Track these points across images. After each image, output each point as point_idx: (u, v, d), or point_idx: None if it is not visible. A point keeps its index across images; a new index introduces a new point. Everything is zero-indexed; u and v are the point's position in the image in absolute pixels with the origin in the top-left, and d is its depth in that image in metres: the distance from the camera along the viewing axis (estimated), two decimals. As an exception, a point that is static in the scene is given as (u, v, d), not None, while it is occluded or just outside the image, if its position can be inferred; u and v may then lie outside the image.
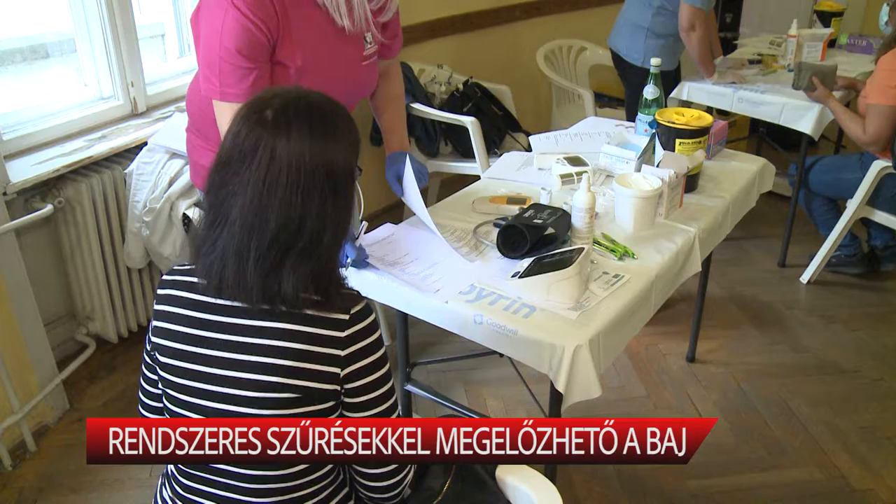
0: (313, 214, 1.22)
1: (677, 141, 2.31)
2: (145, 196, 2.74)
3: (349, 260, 1.87)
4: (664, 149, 2.32)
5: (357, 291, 1.35)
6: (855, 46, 4.18)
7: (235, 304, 1.27)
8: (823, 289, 3.63)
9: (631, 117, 2.93)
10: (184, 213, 2.69)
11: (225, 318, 1.28)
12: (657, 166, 2.22)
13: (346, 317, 1.28)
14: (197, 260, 1.28)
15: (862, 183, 3.32)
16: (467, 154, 3.53)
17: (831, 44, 4.10)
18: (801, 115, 3.43)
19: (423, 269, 1.91)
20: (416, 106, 3.48)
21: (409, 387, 2.20)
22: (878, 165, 3.25)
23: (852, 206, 3.39)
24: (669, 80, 3.67)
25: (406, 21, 2.43)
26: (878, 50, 3.28)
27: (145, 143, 2.80)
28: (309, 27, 1.91)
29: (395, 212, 3.73)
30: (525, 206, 2.06)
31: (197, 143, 2.15)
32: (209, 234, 1.25)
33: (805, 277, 3.67)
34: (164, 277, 1.38)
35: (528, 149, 2.59)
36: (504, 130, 3.75)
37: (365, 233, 1.99)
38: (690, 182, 2.29)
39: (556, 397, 1.74)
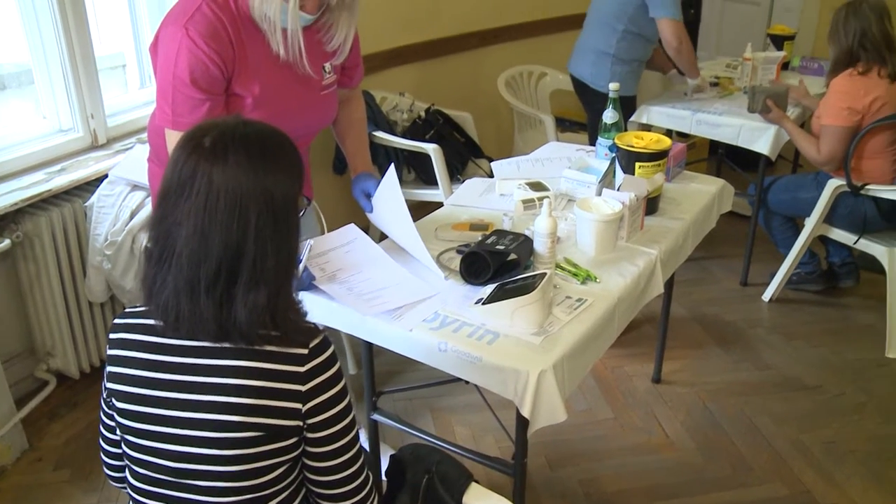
0: (252, 241, 1.21)
1: (637, 164, 2.34)
2: (106, 229, 2.71)
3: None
4: (624, 172, 2.35)
5: (315, 324, 1.34)
6: (807, 69, 4.28)
7: (191, 343, 1.26)
8: (785, 306, 3.68)
9: (593, 142, 2.97)
10: (146, 246, 2.66)
11: (181, 359, 1.27)
12: (618, 190, 2.24)
13: (305, 351, 1.27)
14: (149, 300, 1.27)
15: (818, 201, 3.38)
16: (430, 181, 3.54)
17: (784, 66, 4.19)
18: (757, 136, 3.49)
19: (375, 290, 1.90)
20: (379, 134, 3.49)
21: (375, 416, 2.19)
22: (833, 184, 3.31)
23: (810, 224, 3.45)
24: (630, 104, 3.72)
25: (367, 49, 2.45)
26: (828, 74, 3.35)
27: (106, 176, 2.78)
28: (266, 58, 1.91)
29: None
30: (487, 233, 2.07)
31: (158, 173, 2.14)
32: (158, 270, 1.24)
33: (767, 296, 3.71)
34: (116, 321, 1.36)
35: (491, 175, 2.61)
36: (466, 157, 3.77)
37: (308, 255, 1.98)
38: (651, 205, 2.32)
39: (523, 423, 1.74)
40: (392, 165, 2.03)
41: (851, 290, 3.76)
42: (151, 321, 1.29)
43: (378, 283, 1.92)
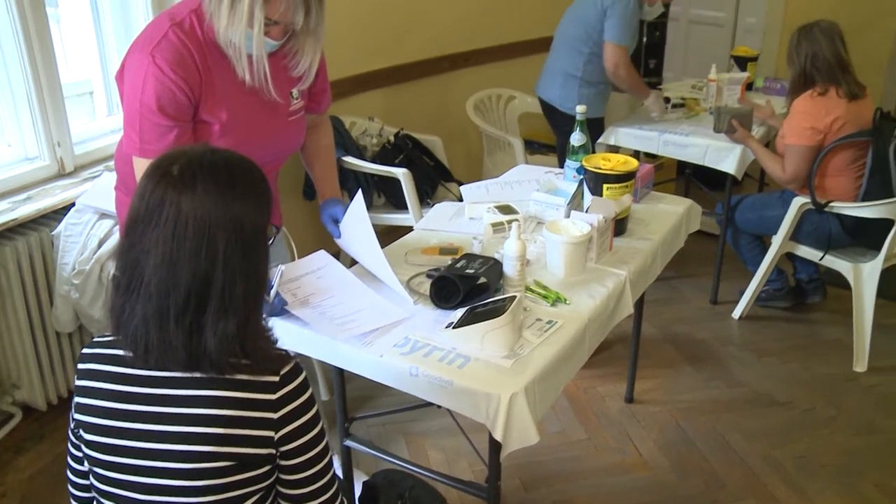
0: (221, 268, 1.21)
1: (605, 186, 2.35)
2: (74, 258, 2.68)
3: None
4: (592, 194, 2.37)
5: (286, 351, 1.34)
6: (770, 89, 4.36)
7: (160, 374, 1.25)
8: (754, 323, 3.72)
9: (562, 164, 2.99)
10: (113, 275, 2.64)
11: (150, 390, 1.26)
12: (586, 212, 2.26)
13: (277, 378, 1.27)
14: (118, 330, 1.26)
15: (784, 219, 3.42)
16: (401, 205, 3.55)
17: (749, 87, 4.25)
18: (724, 156, 3.54)
19: (348, 314, 1.89)
20: (348, 159, 3.50)
21: (348, 442, 2.18)
22: (799, 202, 3.36)
23: (777, 241, 3.49)
24: (598, 126, 3.76)
25: (335, 75, 2.46)
26: (788, 95, 3.41)
27: (73, 204, 2.76)
28: (233, 84, 1.91)
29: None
30: (457, 257, 2.08)
31: (125, 202, 2.11)
32: (126, 300, 1.23)
33: (736, 313, 3.75)
34: (84, 351, 1.34)
35: (461, 198, 2.62)
36: (436, 181, 3.78)
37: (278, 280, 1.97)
38: (619, 226, 2.34)
39: (495, 446, 1.74)
40: (360, 191, 2.03)
41: (819, 306, 3.81)
42: (120, 351, 1.27)
43: (351, 308, 1.92)
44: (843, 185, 3.31)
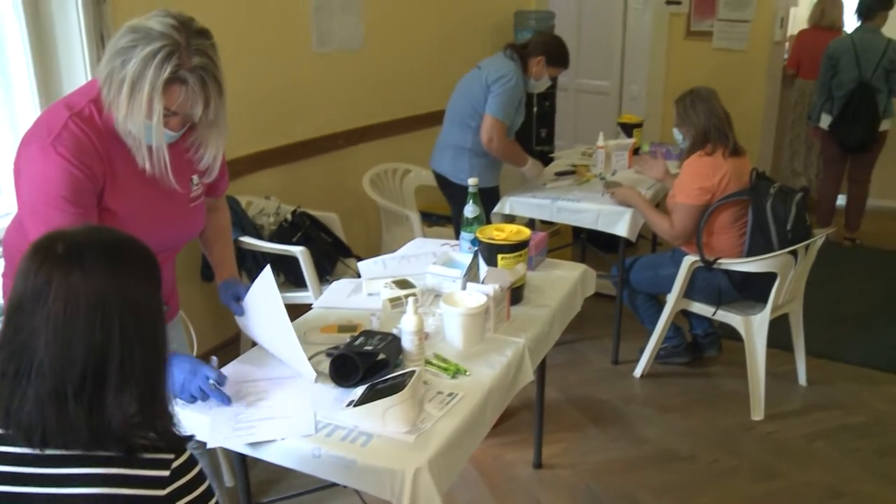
0: (118, 340, 1.19)
1: (499, 256, 2.40)
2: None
3: (211, 381, 1.83)
4: (487, 265, 2.41)
5: (182, 433, 1.31)
6: (656, 153, 4.53)
7: (52, 452, 1.20)
8: (655, 380, 3.80)
9: (459, 236, 3.04)
10: None
11: (39, 470, 1.20)
12: (482, 282, 2.30)
13: (172, 455, 1.24)
14: (7, 420, 1.20)
15: (677, 277, 3.54)
16: (300, 283, 3.53)
17: (635, 152, 4.42)
18: (615, 219, 3.66)
19: (254, 419, 1.86)
20: (246, 239, 3.47)
21: (254, 530, 2.13)
22: (689, 260, 3.49)
23: (671, 299, 3.60)
24: (492, 195, 3.85)
25: (231, 154, 2.45)
26: (685, 155, 3.56)
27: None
28: (133, 172, 1.89)
29: (232, 347, 3.65)
30: (356, 334, 2.08)
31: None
32: (15, 387, 1.18)
33: (637, 372, 3.83)
34: None
35: (360, 275, 2.63)
36: (335, 257, 3.78)
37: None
38: (515, 294, 2.38)
39: (403, 523, 1.72)
40: (269, 265, 2.02)
41: (716, 359, 3.93)
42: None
43: (265, 414, 1.87)
44: (729, 242, 3.45)
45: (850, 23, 5.68)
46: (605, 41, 6.46)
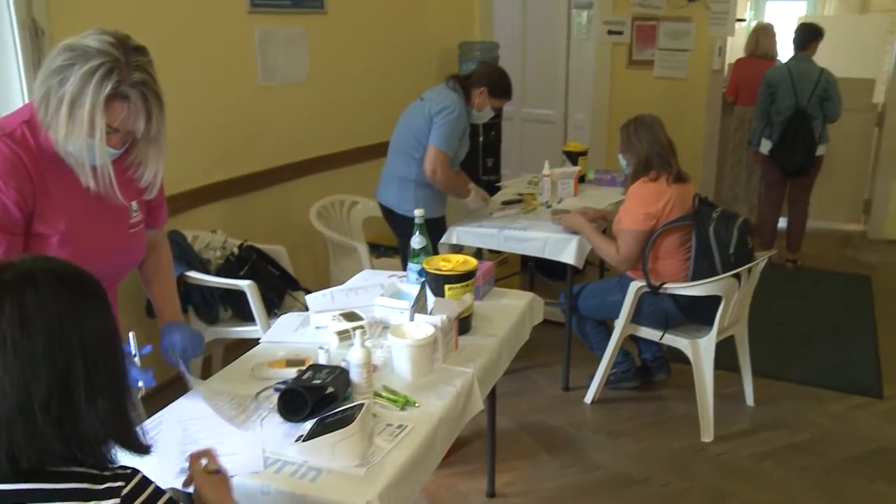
0: (79, 352, 1.20)
1: (446, 287, 2.41)
2: None
3: (141, 385, 1.80)
4: (435, 295, 2.41)
5: (132, 469, 1.29)
6: (602, 180, 4.62)
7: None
8: (606, 406, 3.83)
9: (406, 267, 3.05)
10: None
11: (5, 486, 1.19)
12: (430, 313, 2.30)
13: (121, 483, 1.23)
14: None
15: (624, 303, 3.58)
16: (248, 318, 3.49)
17: (581, 179, 4.48)
18: (562, 247, 3.70)
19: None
20: (192, 274, 3.43)
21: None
22: (635, 286, 3.53)
23: (619, 325, 3.64)
24: (438, 226, 3.86)
25: (176, 188, 2.42)
26: (629, 181, 3.61)
27: None
28: (72, 193, 1.85)
29: (177, 385, 3.58)
30: (304, 368, 2.06)
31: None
32: None
33: (588, 398, 3.85)
34: None
35: (307, 307, 2.61)
36: (283, 290, 3.76)
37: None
38: (463, 324, 2.38)
39: (354, 559, 1.70)
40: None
41: (665, 383, 3.97)
42: None
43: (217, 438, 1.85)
44: (674, 266, 3.51)
45: (784, 51, 5.86)
46: (550, 70, 6.56)
